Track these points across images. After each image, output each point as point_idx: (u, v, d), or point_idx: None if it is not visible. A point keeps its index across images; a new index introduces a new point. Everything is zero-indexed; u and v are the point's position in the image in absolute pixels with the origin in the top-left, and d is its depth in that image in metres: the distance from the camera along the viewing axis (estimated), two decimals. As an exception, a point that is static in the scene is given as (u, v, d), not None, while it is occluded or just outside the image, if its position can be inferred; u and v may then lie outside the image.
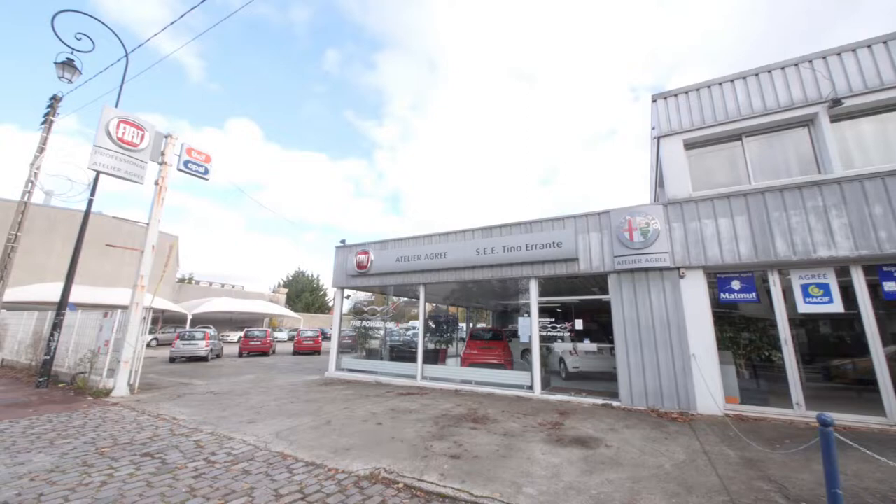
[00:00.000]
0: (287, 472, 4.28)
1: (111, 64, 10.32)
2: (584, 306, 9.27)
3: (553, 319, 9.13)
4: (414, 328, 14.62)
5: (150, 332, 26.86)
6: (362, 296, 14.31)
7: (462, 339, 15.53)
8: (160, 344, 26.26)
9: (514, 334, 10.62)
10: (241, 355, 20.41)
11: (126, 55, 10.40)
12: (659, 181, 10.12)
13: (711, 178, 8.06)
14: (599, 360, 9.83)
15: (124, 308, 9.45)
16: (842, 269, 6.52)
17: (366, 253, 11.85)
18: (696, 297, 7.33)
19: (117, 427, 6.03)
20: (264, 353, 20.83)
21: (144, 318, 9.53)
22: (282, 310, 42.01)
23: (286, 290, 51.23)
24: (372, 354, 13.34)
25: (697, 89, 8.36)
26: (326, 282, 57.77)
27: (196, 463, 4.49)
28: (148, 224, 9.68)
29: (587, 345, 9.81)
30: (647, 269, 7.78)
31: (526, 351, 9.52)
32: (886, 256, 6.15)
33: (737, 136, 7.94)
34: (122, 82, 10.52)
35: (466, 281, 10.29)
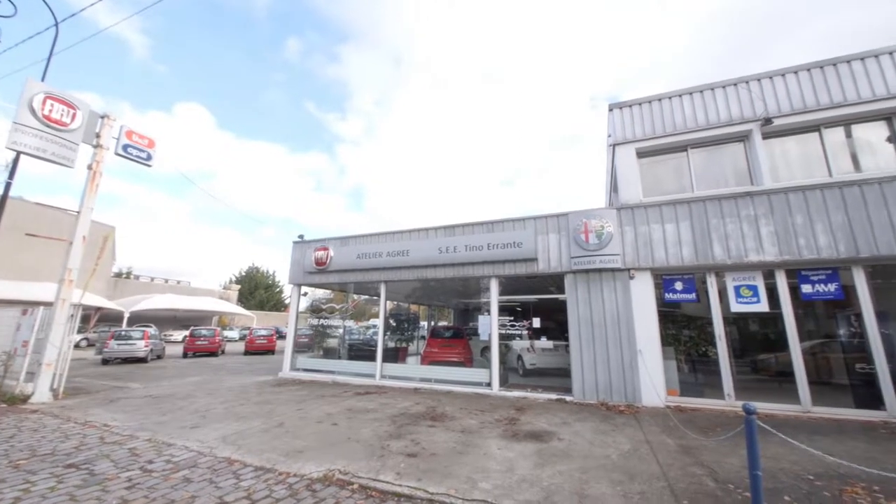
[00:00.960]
0: (234, 478, 4.05)
1: (38, 33, 9.25)
2: (541, 305, 9.57)
3: (512, 318, 9.35)
4: (374, 326, 14.42)
5: (80, 332, 24.48)
6: (321, 293, 13.88)
7: (423, 338, 15.50)
8: (91, 344, 23.97)
9: (475, 332, 10.76)
10: (185, 356, 19.11)
11: (56, 24, 9.36)
12: (613, 186, 10.66)
13: (660, 185, 8.61)
14: (555, 356, 10.19)
15: (48, 305, 8.52)
16: (768, 273, 7.21)
17: (325, 249, 11.49)
18: (643, 297, 7.79)
19: (36, 436, 5.42)
20: (212, 354, 19.65)
21: (72, 316, 8.64)
22: (233, 307, 39.80)
23: (238, 287, 48.56)
24: (329, 353, 12.99)
25: (650, 101, 8.89)
26: (282, 278, 55.49)
27: (130, 472, 4.13)
28: (79, 212, 8.77)
29: (544, 342, 10.14)
30: (600, 270, 8.16)
31: (486, 349, 9.68)
32: (805, 262, 6.88)
33: (683, 148, 8.53)
34: (51, 54, 9.45)
35: (428, 279, 10.28)
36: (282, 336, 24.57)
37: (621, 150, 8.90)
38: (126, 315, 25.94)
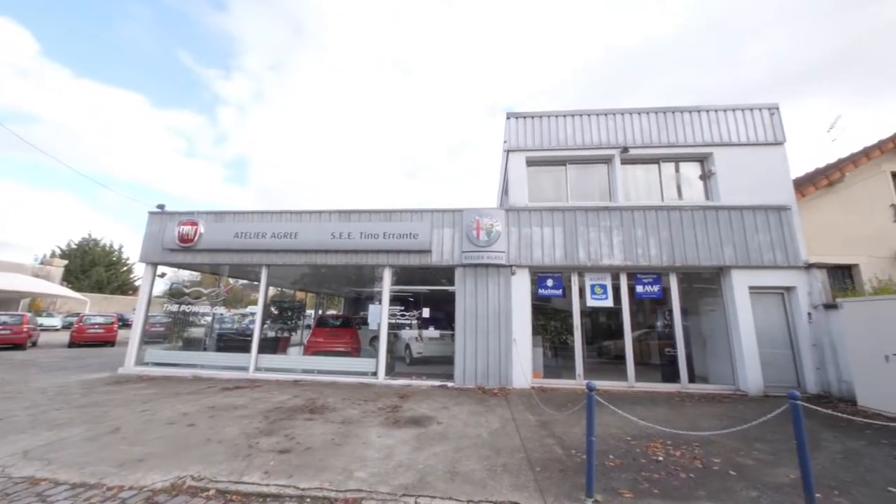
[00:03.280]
0: (38, 500, 3.21)
1: None
2: (431, 296, 9.87)
3: (403, 307, 9.44)
4: (252, 314, 13.00)
5: None
6: (185, 275, 11.91)
7: (308, 327, 14.60)
8: None
9: (365, 322, 10.55)
10: (-28, 349, 14.41)
11: None
12: (505, 189, 11.57)
13: (543, 192, 9.65)
14: (441, 345, 10.65)
15: None
16: (615, 275, 8.73)
17: (193, 224, 9.86)
18: (521, 292, 8.68)
19: None
20: (17, 346, 15.21)
21: None
22: (56, 287, 31.36)
23: (65, 263, 38.46)
24: (192, 344, 11.26)
25: (541, 116, 9.85)
26: (133, 255, 46.02)
27: None
28: None
29: (431, 332, 10.49)
30: (487, 265, 8.80)
31: (374, 338, 9.57)
32: (640, 267, 8.53)
33: (563, 162, 9.70)
34: None
35: (319, 265, 9.69)
36: (127, 324, 20.43)
37: (514, 156, 9.69)
38: None
